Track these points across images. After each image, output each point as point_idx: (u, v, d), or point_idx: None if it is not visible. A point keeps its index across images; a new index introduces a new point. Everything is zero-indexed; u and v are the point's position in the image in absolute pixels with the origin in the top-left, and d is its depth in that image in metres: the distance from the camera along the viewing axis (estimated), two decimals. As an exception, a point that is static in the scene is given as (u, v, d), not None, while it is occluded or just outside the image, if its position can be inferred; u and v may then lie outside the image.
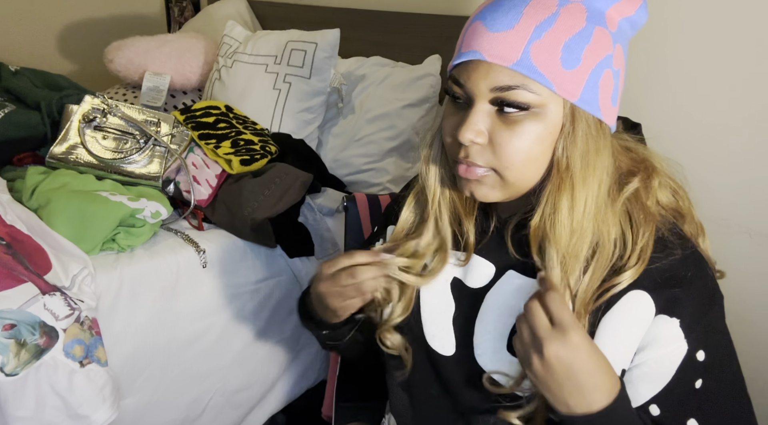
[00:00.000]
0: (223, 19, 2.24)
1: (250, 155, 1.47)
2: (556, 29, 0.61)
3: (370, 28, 1.88)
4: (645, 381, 0.65)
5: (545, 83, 0.61)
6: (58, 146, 1.32)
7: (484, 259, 0.75)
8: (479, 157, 0.65)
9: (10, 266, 1.03)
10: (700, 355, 0.64)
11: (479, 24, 0.63)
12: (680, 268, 0.65)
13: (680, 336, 0.64)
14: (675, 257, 0.65)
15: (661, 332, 0.64)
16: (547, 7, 0.61)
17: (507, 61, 0.61)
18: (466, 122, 0.63)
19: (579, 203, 0.63)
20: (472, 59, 0.63)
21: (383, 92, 1.65)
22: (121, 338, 1.19)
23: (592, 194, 0.64)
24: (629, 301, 0.65)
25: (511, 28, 0.61)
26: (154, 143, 1.38)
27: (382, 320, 0.80)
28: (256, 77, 1.75)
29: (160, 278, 1.24)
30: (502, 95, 0.62)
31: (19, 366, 0.98)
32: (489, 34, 0.62)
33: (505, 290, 0.73)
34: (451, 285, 0.78)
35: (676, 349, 0.64)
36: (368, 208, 1.21)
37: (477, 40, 0.62)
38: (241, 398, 1.43)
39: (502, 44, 0.61)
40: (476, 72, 0.63)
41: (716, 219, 1.13)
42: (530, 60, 0.61)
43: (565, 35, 0.61)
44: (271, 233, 1.37)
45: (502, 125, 0.63)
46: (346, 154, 1.67)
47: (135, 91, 2.08)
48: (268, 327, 1.43)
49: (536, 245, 0.67)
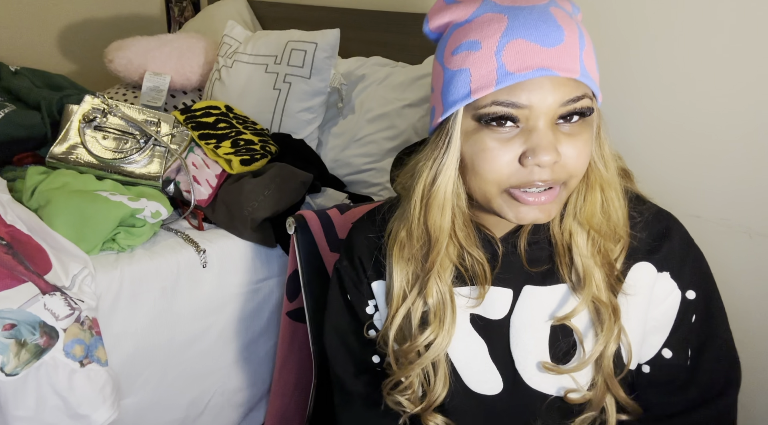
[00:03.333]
0: (223, 19, 2.24)
1: (250, 155, 1.47)
2: (587, 37, 0.63)
3: (370, 28, 1.88)
4: (655, 333, 0.72)
5: (595, 91, 0.64)
6: (58, 146, 1.32)
7: (499, 287, 0.74)
8: (557, 175, 0.62)
9: (11, 266, 1.03)
10: (690, 294, 0.71)
11: (524, 43, 0.59)
12: (655, 227, 0.71)
13: (674, 286, 0.71)
14: (647, 221, 0.71)
15: (660, 288, 0.71)
16: (568, 16, 0.62)
17: (575, 73, 0.60)
18: (542, 145, 0.60)
19: (616, 203, 0.68)
20: (535, 78, 0.60)
21: (383, 92, 1.65)
22: (121, 338, 1.19)
23: (617, 190, 0.68)
24: (636, 273, 0.71)
25: (563, 41, 0.60)
26: (155, 143, 1.38)
27: (424, 405, 0.75)
28: (256, 77, 1.75)
29: (160, 278, 1.24)
30: (574, 106, 0.61)
31: (19, 365, 0.98)
32: (547, 50, 0.59)
33: (528, 306, 0.73)
34: (472, 323, 0.75)
35: (674, 298, 0.71)
36: (321, 227, 1.13)
37: (535, 58, 0.59)
38: (241, 398, 1.43)
39: (564, 58, 0.60)
40: (542, 89, 0.60)
41: (716, 219, 1.13)
42: (586, 70, 0.62)
43: (590, 43, 0.64)
44: (271, 233, 1.37)
45: (566, 139, 0.61)
46: (346, 154, 1.67)
47: (135, 91, 2.08)
48: (268, 327, 1.43)
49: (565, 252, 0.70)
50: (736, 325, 1.13)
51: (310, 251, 1.11)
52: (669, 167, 1.18)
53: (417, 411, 0.76)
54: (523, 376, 0.74)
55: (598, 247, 0.69)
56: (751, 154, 1.07)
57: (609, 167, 0.68)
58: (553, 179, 0.62)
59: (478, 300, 0.73)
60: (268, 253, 1.40)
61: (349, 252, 0.83)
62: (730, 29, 1.07)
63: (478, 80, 0.61)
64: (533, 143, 0.60)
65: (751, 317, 1.12)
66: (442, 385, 0.74)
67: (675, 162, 1.17)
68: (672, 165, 1.17)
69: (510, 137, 0.61)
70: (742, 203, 1.10)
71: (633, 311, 0.71)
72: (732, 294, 1.12)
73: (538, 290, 0.72)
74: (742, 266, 1.11)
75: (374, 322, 0.82)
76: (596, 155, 0.67)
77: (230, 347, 1.38)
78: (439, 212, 0.67)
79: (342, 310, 0.84)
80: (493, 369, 0.75)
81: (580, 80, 0.61)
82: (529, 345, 0.73)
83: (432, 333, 0.72)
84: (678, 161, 1.17)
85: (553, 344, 0.72)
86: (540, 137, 0.60)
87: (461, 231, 0.71)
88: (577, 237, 0.68)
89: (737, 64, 1.07)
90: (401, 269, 0.73)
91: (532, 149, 0.60)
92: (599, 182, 0.67)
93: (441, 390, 0.74)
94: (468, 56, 0.62)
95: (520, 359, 0.73)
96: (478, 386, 0.76)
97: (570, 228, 0.69)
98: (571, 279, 0.70)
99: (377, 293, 0.81)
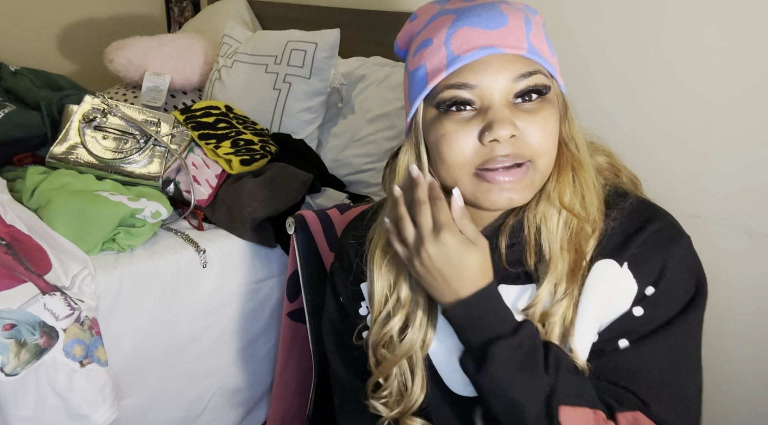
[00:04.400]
0: (223, 19, 2.24)
1: (250, 155, 1.47)
2: (535, 22, 0.66)
3: (370, 28, 1.88)
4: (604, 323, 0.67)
5: (549, 69, 0.65)
6: (58, 146, 1.32)
7: None
8: (519, 150, 0.62)
9: (11, 266, 1.03)
10: (648, 290, 0.65)
11: (469, 29, 0.63)
12: (629, 223, 0.68)
13: (632, 281, 0.66)
14: (623, 215, 0.68)
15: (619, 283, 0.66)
16: (515, 9, 0.65)
17: (521, 50, 0.62)
18: (497, 119, 0.61)
19: (589, 183, 0.67)
20: (481, 58, 0.62)
21: (383, 92, 1.65)
22: (121, 338, 1.19)
23: (592, 173, 0.68)
24: (599, 271, 0.67)
25: (506, 24, 0.63)
26: (154, 143, 1.38)
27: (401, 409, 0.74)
28: (256, 77, 1.75)
29: (160, 278, 1.24)
30: (525, 82, 0.62)
31: (19, 366, 0.98)
32: (491, 32, 0.62)
33: None
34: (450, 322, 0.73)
35: (629, 294, 0.66)
36: (321, 227, 1.12)
37: (479, 40, 0.62)
38: (241, 398, 1.43)
39: (509, 37, 0.62)
40: (491, 67, 0.62)
41: (716, 219, 1.13)
42: (534, 48, 0.63)
43: (541, 28, 0.66)
44: (271, 233, 1.37)
45: (525, 115, 0.63)
46: (346, 154, 1.67)
47: (135, 91, 2.08)
48: (268, 326, 1.43)
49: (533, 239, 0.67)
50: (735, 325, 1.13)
51: (310, 251, 1.11)
52: (669, 167, 1.18)
53: (394, 416, 0.74)
54: None
55: (571, 231, 0.67)
56: (751, 154, 1.07)
57: (580, 149, 0.68)
58: (515, 154, 0.62)
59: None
60: (268, 253, 1.40)
61: (339, 254, 0.84)
62: (731, 29, 1.07)
63: (431, 70, 0.65)
64: (489, 118, 0.62)
65: (751, 318, 1.12)
66: (420, 389, 0.73)
67: (675, 162, 1.17)
68: (672, 165, 1.17)
69: (468, 119, 0.63)
70: (742, 203, 1.10)
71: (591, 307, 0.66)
72: (732, 294, 1.12)
73: (510, 289, 0.71)
74: (742, 266, 1.11)
75: (368, 324, 0.81)
76: (566, 136, 0.68)
77: (230, 347, 1.38)
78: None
79: (335, 312, 0.85)
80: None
81: (528, 57, 0.63)
82: None
83: (400, 320, 0.72)
84: (678, 161, 1.17)
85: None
86: (495, 112, 0.62)
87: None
88: (549, 221, 0.67)
89: (737, 64, 1.07)
90: (382, 276, 0.73)
91: (489, 124, 0.61)
92: (570, 161, 0.67)
93: (419, 395, 0.73)
94: (423, 53, 0.66)
95: None
96: (459, 388, 0.74)
97: (543, 212, 0.67)
98: (537, 273, 0.68)
99: (367, 295, 0.80)
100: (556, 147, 0.66)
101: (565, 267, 0.66)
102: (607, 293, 0.67)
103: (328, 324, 0.86)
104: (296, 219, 1.11)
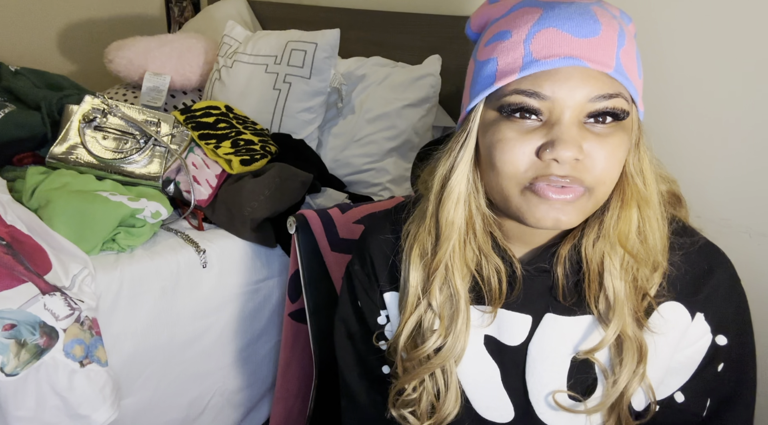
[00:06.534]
0: (223, 19, 2.24)
1: (250, 155, 1.47)
2: (629, 35, 0.59)
3: (370, 28, 1.88)
4: (674, 374, 0.67)
5: (632, 92, 0.59)
6: (58, 146, 1.32)
7: (518, 313, 0.69)
8: (579, 174, 0.57)
9: (10, 266, 1.03)
10: (720, 340, 0.65)
11: (555, 31, 0.56)
12: (696, 264, 0.65)
13: (707, 330, 0.65)
14: (688, 254, 0.65)
15: (692, 331, 0.65)
16: (611, 16, 0.58)
17: (608, 67, 0.56)
18: (563, 139, 0.55)
19: (654, 223, 0.62)
20: (561, 68, 0.56)
21: (383, 92, 1.65)
22: (121, 338, 1.19)
23: (658, 213, 0.63)
24: (665, 312, 0.65)
25: (598, 34, 0.56)
26: (154, 143, 1.38)
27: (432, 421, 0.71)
28: (256, 77, 1.75)
29: (160, 278, 1.24)
30: (605, 104, 0.56)
31: (19, 366, 0.98)
32: (579, 41, 0.55)
33: (548, 336, 0.68)
34: (486, 346, 0.71)
35: (704, 342, 0.66)
36: (322, 227, 1.11)
37: (564, 47, 0.55)
38: (241, 398, 1.43)
39: (597, 50, 0.56)
40: (570, 81, 0.55)
41: (716, 219, 1.13)
42: (622, 67, 0.57)
43: (633, 42, 0.59)
44: (271, 233, 1.37)
45: (594, 139, 0.56)
46: (346, 154, 1.67)
47: (135, 91, 2.08)
48: (268, 327, 1.43)
49: (596, 278, 0.63)
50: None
51: (311, 250, 1.11)
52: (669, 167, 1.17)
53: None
54: (536, 408, 0.70)
55: (632, 274, 0.63)
56: (751, 154, 1.07)
57: (648, 184, 0.62)
58: (573, 178, 0.56)
59: (491, 317, 0.69)
60: (269, 253, 1.40)
61: (361, 256, 0.78)
62: (731, 29, 1.07)
63: (503, 68, 0.58)
64: (554, 135, 0.55)
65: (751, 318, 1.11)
66: (454, 401, 0.69)
67: (675, 162, 1.17)
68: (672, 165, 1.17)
69: (530, 130, 0.57)
70: (742, 203, 1.10)
71: (659, 352, 0.65)
72: (732, 294, 1.12)
73: (560, 320, 0.67)
74: (742, 266, 1.10)
75: (385, 333, 0.78)
76: (634, 169, 0.61)
77: (230, 347, 1.38)
78: (453, 206, 0.64)
79: (351, 315, 0.81)
80: (504, 396, 0.71)
81: (613, 76, 0.56)
82: (545, 377, 0.68)
83: (439, 336, 0.68)
84: (678, 161, 1.17)
85: (571, 379, 0.67)
86: (562, 130, 0.55)
87: (480, 235, 0.66)
88: (611, 260, 0.62)
89: (738, 64, 1.07)
90: (418, 274, 0.69)
91: (552, 141, 0.55)
92: (636, 198, 0.61)
93: (452, 408, 0.70)
94: (497, 46, 0.59)
95: (535, 390, 0.69)
96: (487, 412, 0.72)
97: (603, 250, 0.62)
98: (598, 309, 0.64)
99: (389, 305, 0.77)
100: (618, 177, 0.60)
101: (630, 308, 0.63)
102: (678, 339, 0.65)
103: (342, 324, 0.82)
104: (297, 219, 1.10)
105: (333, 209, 1.16)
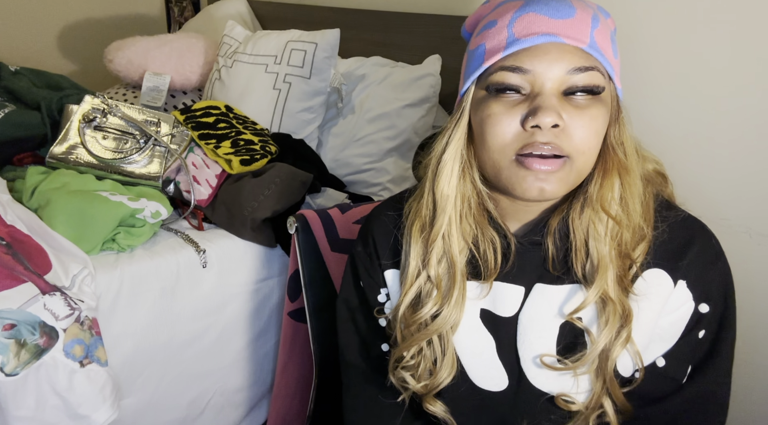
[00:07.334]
0: (223, 19, 2.24)
1: (250, 155, 1.47)
2: (603, 21, 0.65)
3: (370, 28, 1.88)
4: (658, 341, 0.70)
5: (608, 68, 0.64)
6: (58, 146, 1.32)
7: (511, 284, 0.73)
8: (560, 141, 0.62)
9: (10, 266, 1.03)
10: (703, 308, 0.68)
11: (534, 15, 0.63)
12: (680, 235, 0.69)
13: (689, 297, 0.68)
14: (672, 226, 0.69)
15: (675, 298, 0.68)
16: (585, 4, 0.65)
17: (582, 43, 0.62)
18: (543, 106, 0.61)
19: (634, 190, 0.66)
20: (540, 44, 0.62)
21: (383, 92, 1.65)
22: (121, 338, 1.19)
23: (638, 181, 0.67)
24: (650, 279, 0.68)
25: (573, 16, 0.62)
26: (154, 143, 1.38)
27: (427, 388, 0.76)
28: (256, 77, 1.75)
29: (160, 278, 1.24)
30: (580, 77, 0.62)
31: (19, 366, 0.98)
32: (555, 21, 0.62)
33: (537, 304, 0.72)
34: (482, 318, 0.75)
35: (686, 309, 0.69)
36: (322, 227, 1.12)
37: (542, 26, 0.62)
38: (241, 398, 1.43)
39: (572, 28, 0.62)
40: (548, 55, 0.62)
41: (716, 219, 1.13)
42: (596, 44, 0.63)
43: (608, 28, 0.66)
44: (271, 233, 1.37)
45: (573, 110, 0.62)
46: (346, 154, 1.67)
47: (135, 91, 2.08)
48: (268, 326, 1.43)
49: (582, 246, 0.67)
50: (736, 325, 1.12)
51: (311, 250, 1.11)
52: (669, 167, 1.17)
53: (419, 390, 0.76)
54: (528, 374, 0.73)
55: (617, 240, 0.67)
56: (751, 154, 1.07)
57: (629, 155, 0.67)
58: (555, 145, 0.61)
59: (485, 291, 0.73)
60: (269, 253, 1.40)
61: (364, 237, 0.83)
62: (730, 29, 1.07)
63: (489, 49, 0.65)
64: (535, 104, 0.61)
65: (751, 318, 1.12)
66: (450, 368, 0.74)
67: (675, 162, 1.17)
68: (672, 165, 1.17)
69: (515, 103, 0.63)
70: (742, 203, 1.10)
71: (643, 317, 0.68)
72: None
73: (548, 289, 0.71)
74: (742, 266, 1.11)
75: (385, 310, 0.82)
76: (615, 141, 0.67)
77: (230, 347, 1.38)
78: (447, 179, 0.69)
79: (353, 295, 0.85)
80: (499, 366, 0.75)
81: (587, 51, 0.62)
82: (536, 343, 0.72)
83: (435, 304, 0.72)
84: (678, 161, 1.17)
85: (560, 344, 0.71)
86: (542, 99, 0.61)
87: (476, 209, 0.71)
88: (595, 227, 0.67)
89: (737, 64, 1.07)
90: (419, 247, 0.73)
91: (533, 110, 0.61)
92: (617, 167, 0.66)
93: (447, 375, 0.74)
94: (485, 34, 0.66)
95: (526, 357, 0.73)
96: (483, 382, 0.75)
97: (590, 217, 0.67)
98: (584, 274, 0.68)
99: (390, 282, 0.80)
100: (598, 149, 0.65)
101: (614, 273, 0.66)
102: (661, 304, 0.68)
103: (343, 304, 0.86)
104: (297, 219, 1.11)
105: (333, 209, 1.16)
